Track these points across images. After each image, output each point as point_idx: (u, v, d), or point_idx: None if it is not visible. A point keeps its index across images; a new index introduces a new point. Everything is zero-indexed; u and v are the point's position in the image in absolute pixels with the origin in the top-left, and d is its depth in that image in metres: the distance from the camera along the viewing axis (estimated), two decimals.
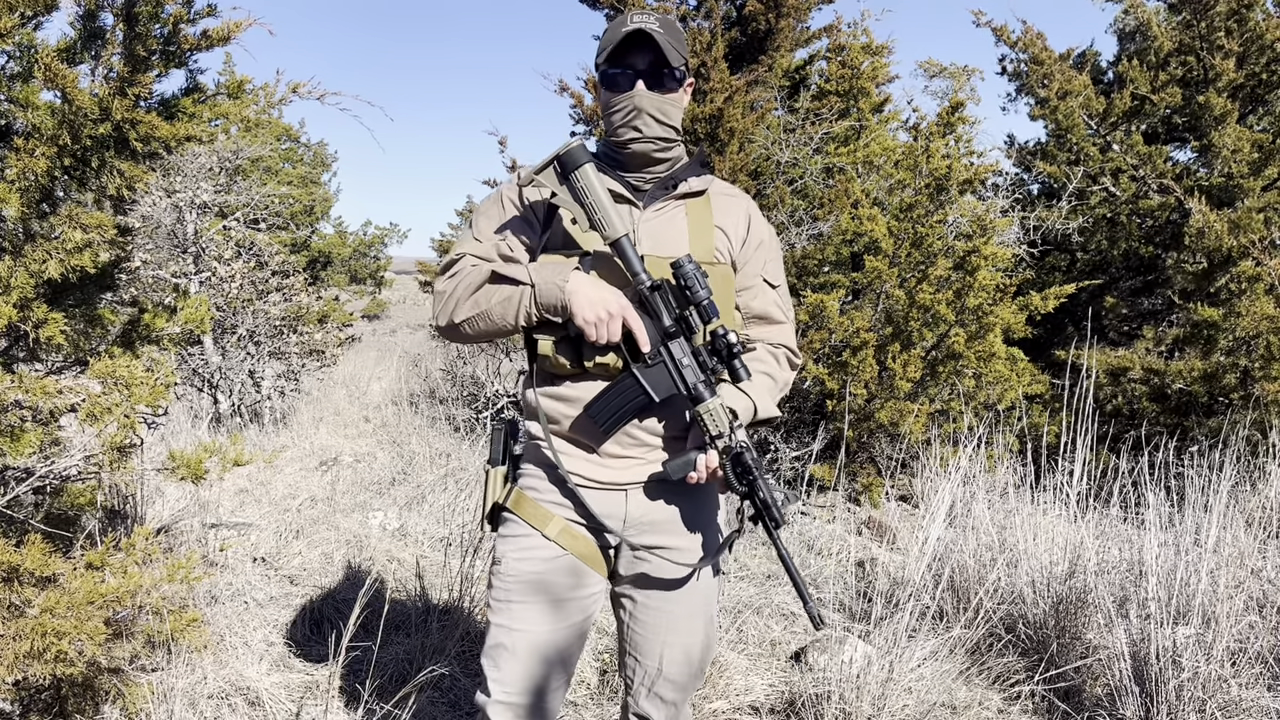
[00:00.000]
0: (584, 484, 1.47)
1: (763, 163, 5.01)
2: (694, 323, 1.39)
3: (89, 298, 2.18)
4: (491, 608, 1.48)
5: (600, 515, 1.45)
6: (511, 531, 1.49)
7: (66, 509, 2.42)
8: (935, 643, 2.56)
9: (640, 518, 1.48)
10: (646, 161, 1.48)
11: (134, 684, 2.21)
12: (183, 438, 5.14)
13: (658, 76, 1.42)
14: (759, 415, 1.47)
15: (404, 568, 3.57)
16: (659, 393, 1.39)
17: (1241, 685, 2.30)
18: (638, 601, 1.52)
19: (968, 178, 4.58)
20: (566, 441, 1.48)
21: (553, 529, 1.46)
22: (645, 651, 1.53)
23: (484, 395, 6.39)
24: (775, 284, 1.57)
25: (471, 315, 1.41)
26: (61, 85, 1.67)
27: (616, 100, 1.44)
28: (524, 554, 1.46)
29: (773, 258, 1.58)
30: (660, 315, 1.39)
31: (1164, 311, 5.48)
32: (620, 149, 1.48)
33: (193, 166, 5.99)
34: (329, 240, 13.51)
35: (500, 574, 1.48)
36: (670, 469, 1.41)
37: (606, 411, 1.40)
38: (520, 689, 1.44)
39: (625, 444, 1.46)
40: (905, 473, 4.63)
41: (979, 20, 5.39)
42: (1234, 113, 4.71)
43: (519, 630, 1.44)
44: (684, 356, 1.39)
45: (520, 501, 1.49)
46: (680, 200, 1.50)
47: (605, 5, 5.43)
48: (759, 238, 1.56)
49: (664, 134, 1.46)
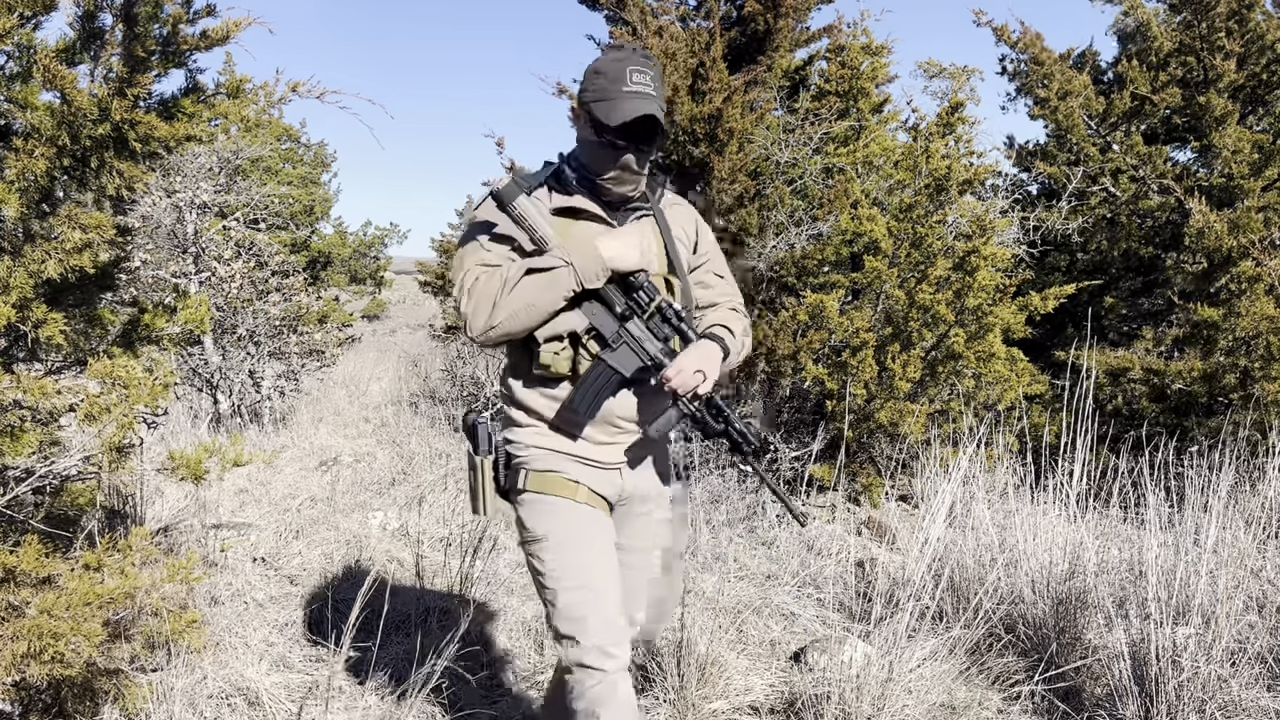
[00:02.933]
0: (588, 464, 1.69)
1: (762, 163, 5.01)
2: (642, 302, 1.61)
3: (89, 298, 2.18)
4: (550, 575, 1.63)
5: (604, 489, 1.70)
6: (549, 508, 1.66)
7: (66, 509, 2.42)
8: (935, 643, 2.56)
9: (632, 490, 1.75)
10: (622, 200, 1.70)
11: (133, 684, 2.21)
12: (183, 438, 5.14)
13: (649, 142, 1.61)
14: (724, 362, 1.68)
15: (404, 568, 3.57)
16: (628, 369, 1.60)
17: (1241, 685, 2.30)
18: (625, 548, 1.77)
19: (967, 178, 4.58)
20: (557, 432, 1.69)
21: (581, 496, 1.68)
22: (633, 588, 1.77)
23: (484, 395, 6.39)
24: (723, 275, 1.85)
25: (510, 312, 1.58)
26: (60, 86, 1.67)
27: (610, 160, 1.62)
28: (571, 524, 1.66)
29: (717, 253, 1.86)
30: (613, 304, 1.62)
31: (1164, 312, 5.48)
32: (602, 190, 1.68)
33: (193, 166, 5.99)
34: (329, 240, 13.50)
35: (550, 545, 1.64)
36: (653, 430, 1.63)
37: (586, 399, 1.60)
38: (604, 631, 1.59)
39: (610, 432, 1.68)
40: (905, 473, 4.62)
41: (979, 20, 5.38)
42: (1234, 113, 4.71)
43: (589, 588, 1.61)
44: (640, 333, 1.62)
45: (546, 482, 1.67)
46: (644, 217, 1.74)
47: (605, 5, 5.43)
48: (707, 240, 1.83)
49: (639, 180, 1.68)
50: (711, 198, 4.56)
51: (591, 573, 1.63)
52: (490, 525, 3.71)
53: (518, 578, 3.50)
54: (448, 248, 9.32)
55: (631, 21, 4.97)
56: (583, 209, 1.68)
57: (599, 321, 1.61)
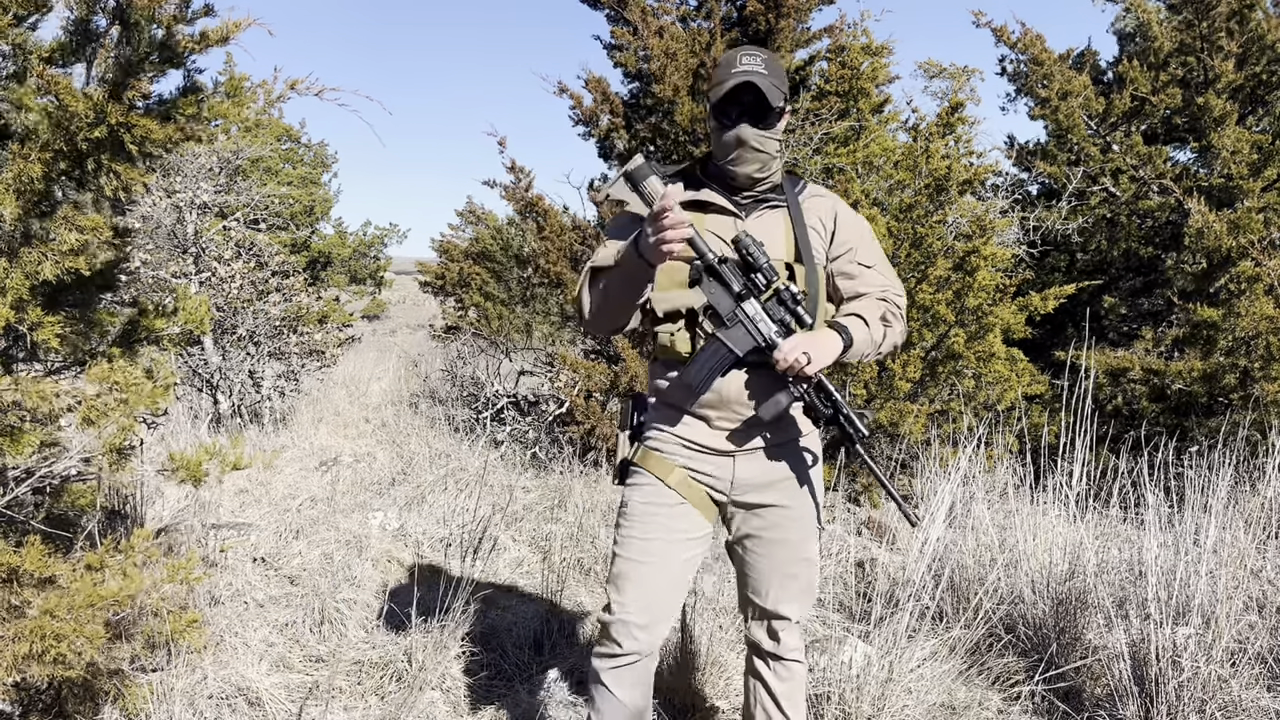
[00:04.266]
0: (697, 448, 1.74)
1: None
2: (760, 284, 1.62)
3: (88, 299, 2.17)
4: (618, 542, 1.75)
5: (710, 475, 1.74)
6: (639, 481, 1.76)
7: (66, 510, 2.42)
8: (935, 643, 2.56)
9: (746, 480, 1.75)
10: (749, 180, 1.73)
11: (134, 685, 2.21)
12: (182, 438, 5.14)
13: (760, 114, 1.66)
14: (849, 349, 1.68)
15: (404, 568, 3.57)
16: (740, 348, 1.62)
17: (1241, 685, 2.30)
18: (749, 550, 1.79)
19: (967, 178, 4.58)
20: (673, 410, 1.75)
21: (675, 478, 1.73)
22: (756, 592, 1.80)
23: (484, 395, 6.39)
24: (870, 265, 1.81)
25: (596, 301, 1.70)
26: (54, 90, 1.67)
27: (725, 134, 1.68)
28: (648, 500, 1.73)
29: (863, 243, 1.81)
30: (730, 283, 1.63)
31: (1164, 312, 5.48)
32: (728, 173, 1.72)
33: (193, 167, 5.99)
34: (329, 240, 13.50)
35: (627, 514, 1.75)
36: (762, 411, 1.64)
37: (700, 374, 1.63)
38: (637, 609, 1.70)
39: (726, 415, 1.71)
40: (905, 473, 4.62)
41: (979, 20, 5.38)
42: (1234, 114, 4.70)
43: (640, 561, 1.71)
44: (755, 313, 1.63)
45: (647, 457, 1.76)
46: (775, 208, 1.76)
47: (606, 5, 5.43)
48: (847, 227, 1.80)
49: (762, 160, 1.70)
50: None
51: (647, 552, 1.71)
52: (490, 525, 3.71)
53: (518, 578, 3.50)
54: (448, 248, 9.31)
55: (632, 21, 4.97)
56: (711, 202, 1.73)
57: (716, 300, 1.63)
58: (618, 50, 5.35)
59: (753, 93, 1.64)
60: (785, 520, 1.77)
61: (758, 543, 1.78)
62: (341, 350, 7.68)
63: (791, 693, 1.84)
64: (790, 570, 1.78)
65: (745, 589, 1.83)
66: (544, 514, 4.33)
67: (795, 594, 1.80)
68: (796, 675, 1.85)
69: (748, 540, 1.79)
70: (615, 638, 1.70)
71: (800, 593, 1.81)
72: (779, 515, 1.77)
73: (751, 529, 1.78)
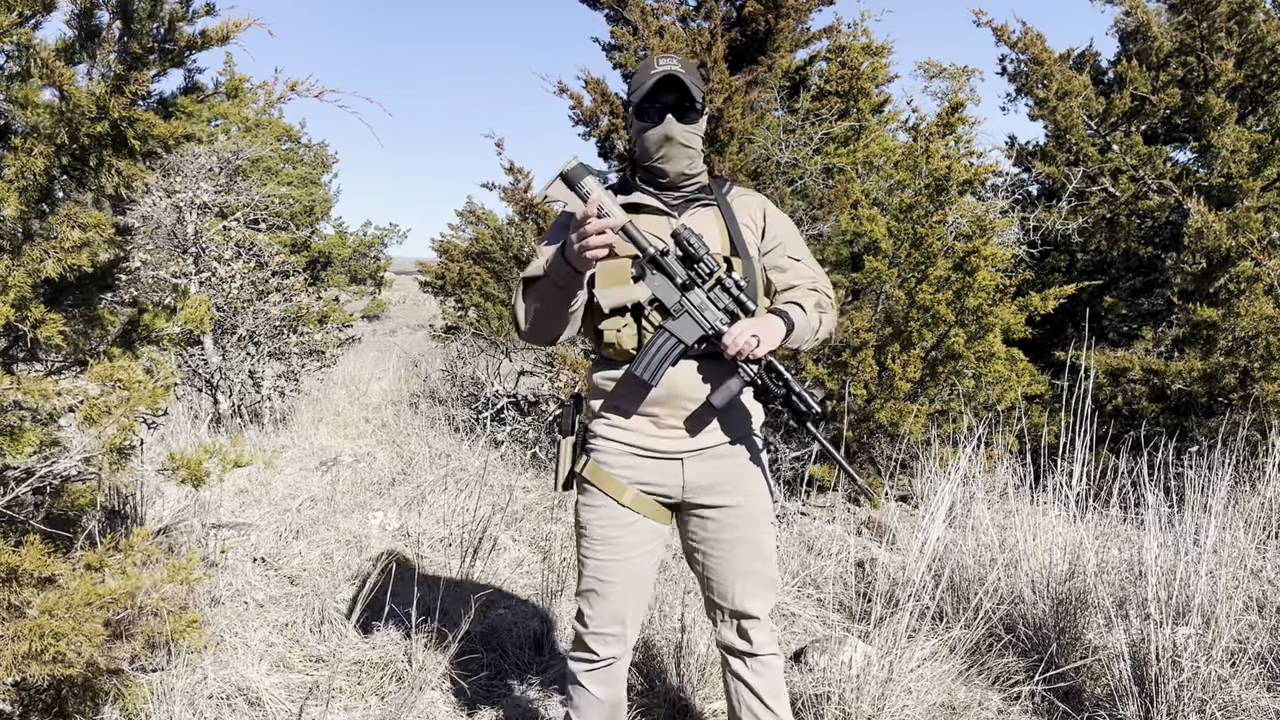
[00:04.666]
0: (644, 454, 1.75)
1: (762, 163, 5.00)
2: (703, 274, 1.66)
3: (88, 298, 2.17)
4: (583, 561, 1.82)
5: (661, 485, 1.76)
6: (594, 501, 1.80)
7: (67, 509, 2.42)
8: (935, 643, 2.56)
9: (697, 483, 1.76)
10: (680, 177, 1.77)
11: (134, 684, 2.21)
12: (183, 438, 5.14)
13: (683, 110, 1.71)
14: (791, 333, 1.71)
15: (404, 568, 3.57)
16: (689, 337, 1.65)
17: (1241, 685, 2.30)
18: (707, 553, 1.81)
19: (967, 178, 4.58)
20: (620, 414, 1.76)
21: (628, 497, 1.76)
22: (721, 594, 1.82)
23: (484, 395, 6.39)
24: (798, 258, 1.85)
25: (530, 309, 1.72)
26: (59, 83, 1.67)
27: (650, 132, 1.71)
28: (606, 522, 1.78)
29: (791, 239, 1.85)
30: (673, 275, 1.67)
31: (1164, 312, 5.48)
32: (657, 171, 1.76)
33: (193, 167, 5.99)
34: (329, 240, 13.50)
35: (588, 536, 1.80)
36: (715, 398, 1.66)
37: (650, 366, 1.65)
38: (608, 620, 1.79)
39: (678, 413, 1.72)
40: (905, 473, 4.62)
41: (979, 20, 5.38)
42: (1233, 113, 4.70)
43: (607, 580, 1.78)
44: (701, 302, 1.66)
45: (597, 473, 1.78)
46: (706, 206, 1.80)
47: (606, 5, 5.43)
48: (775, 224, 1.85)
49: (690, 155, 1.75)
50: None
51: (613, 571, 1.78)
52: (490, 525, 3.71)
53: (518, 578, 3.50)
54: (448, 248, 9.31)
55: (632, 21, 4.97)
56: (643, 204, 1.77)
57: (661, 292, 1.67)
58: (617, 50, 5.36)
59: (676, 89, 1.68)
60: (739, 519, 1.78)
61: (715, 545, 1.80)
62: (341, 350, 7.68)
63: (773, 687, 1.85)
64: (751, 567, 1.80)
65: (709, 592, 1.85)
66: (544, 514, 4.33)
67: (758, 590, 1.81)
68: (774, 669, 1.86)
69: (705, 544, 1.81)
70: (591, 646, 1.81)
71: (763, 588, 1.82)
72: (732, 515, 1.78)
73: (708, 532, 1.80)
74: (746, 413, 1.81)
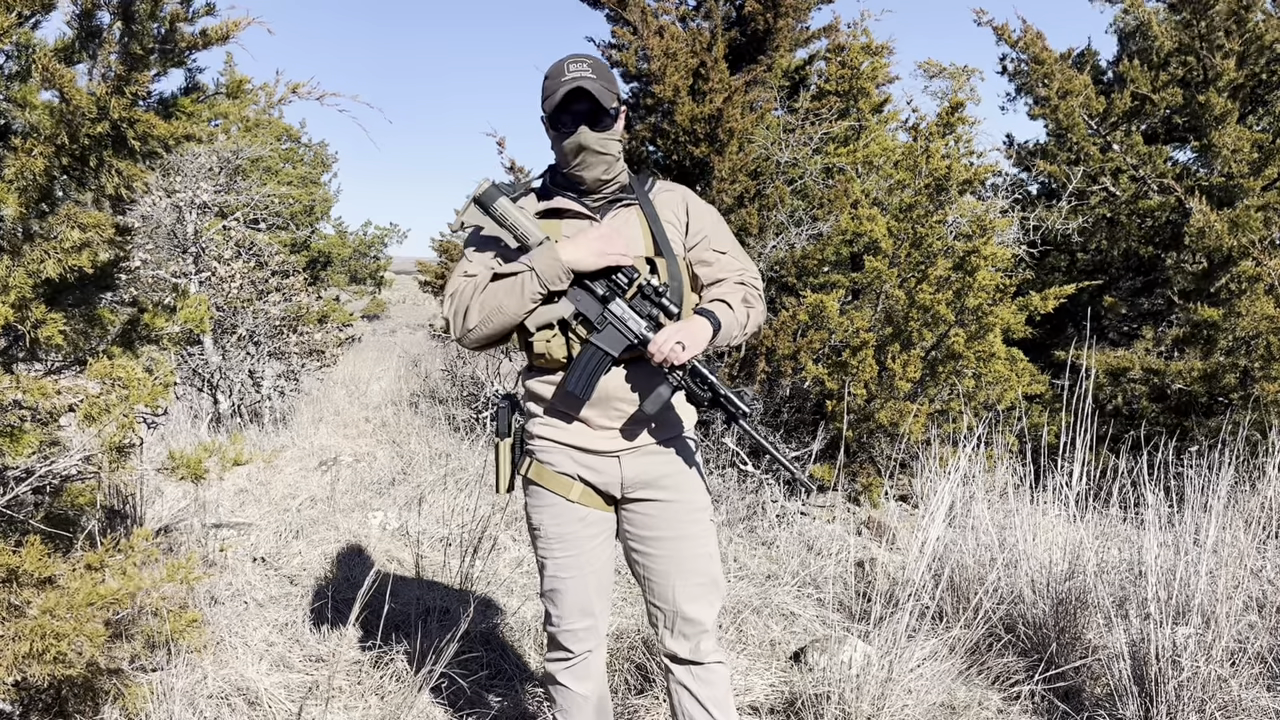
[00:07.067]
0: (583, 451, 1.77)
1: (762, 163, 5.01)
2: (622, 284, 1.69)
3: (88, 297, 2.17)
4: (543, 564, 1.84)
5: (601, 476, 1.77)
6: (543, 502, 1.82)
7: (66, 509, 2.42)
8: (935, 643, 2.56)
9: (635, 478, 1.78)
10: (598, 183, 1.78)
11: (134, 684, 2.21)
12: (183, 438, 5.14)
13: (596, 118, 1.70)
14: (718, 332, 1.71)
15: (404, 568, 3.57)
16: (614, 348, 1.68)
17: (1241, 685, 2.30)
18: (646, 553, 1.81)
19: (967, 178, 4.58)
20: (559, 418, 1.78)
21: (575, 493, 1.79)
22: (662, 596, 1.81)
23: (484, 395, 6.39)
24: (724, 250, 1.85)
25: (483, 315, 1.71)
26: (59, 84, 1.67)
27: (565, 142, 1.71)
28: (557, 519, 1.80)
29: (716, 231, 1.85)
30: (593, 288, 1.70)
31: (1164, 311, 5.48)
32: (575, 178, 1.77)
33: (193, 166, 5.99)
34: (329, 240, 13.51)
35: (543, 537, 1.82)
36: (647, 406, 1.68)
37: (580, 381, 1.68)
38: (576, 615, 1.82)
39: (611, 416, 1.74)
40: (905, 473, 4.62)
41: (980, 19, 5.38)
42: (1234, 112, 4.70)
43: (568, 578, 1.81)
44: (624, 312, 1.69)
45: (543, 474, 1.80)
46: (628, 206, 1.81)
47: (606, 4, 5.43)
48: (699, 218, 1.85)
49: (607, 162, 1.75)
50: (712, 197, 4.56)
51: (572, 567, 1.81)
52: (490, 525, 3.71)
53: (518, 577, 3.50)
54: (448, 248, 9.32)
55: (632, 21, 4.97)
56: (564, 208, 1.78)
57: (584, 306, 1.70)
58: (617, 50, 5.35)
59: (585, 98, 1.68)
60: (677, 515, 1.79)
61: (655, 543, 1.79)
62: (341, 350, 7.69)
63: (719, 697, 1.82)
64: (693, 565, 1.79)
65: (650, 595, 1.83)
66: None
67: (700, 592, 1.79)
68: (720, 678, 1.83)
69: (644, 543, 1.81)
70: (563, 644, 1.83)
71: (705, 590, 1.80)
72: (668, 509, 1.79)
73: (648, 529, 1.80)
74: (678, 416, 1.82)
